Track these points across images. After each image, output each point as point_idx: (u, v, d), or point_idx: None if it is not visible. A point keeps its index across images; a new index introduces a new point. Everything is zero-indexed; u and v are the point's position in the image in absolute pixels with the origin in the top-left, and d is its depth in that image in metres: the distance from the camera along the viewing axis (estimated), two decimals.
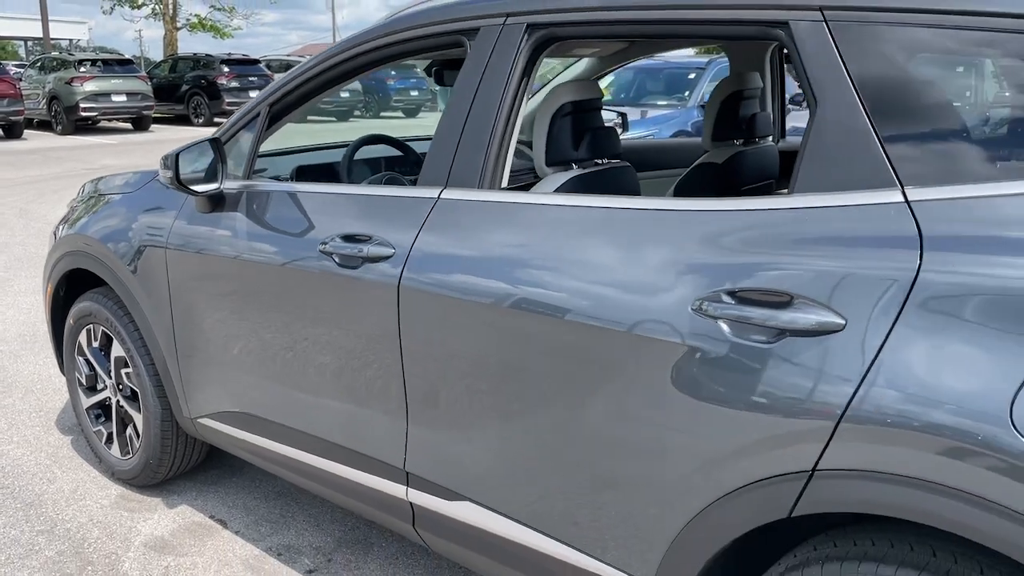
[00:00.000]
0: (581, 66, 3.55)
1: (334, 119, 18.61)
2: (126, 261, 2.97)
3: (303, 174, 3.09)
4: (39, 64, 21.45)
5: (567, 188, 2.25)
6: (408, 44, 2.34)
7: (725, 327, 1.60)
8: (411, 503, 2.26)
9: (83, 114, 19.24)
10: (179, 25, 32.97)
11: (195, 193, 2.59)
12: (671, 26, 1.88)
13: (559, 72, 3.50)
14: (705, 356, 1.61)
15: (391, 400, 2.22)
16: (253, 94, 18.62)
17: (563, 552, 1.93)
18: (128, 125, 21.01)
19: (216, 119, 21.05)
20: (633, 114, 8.28)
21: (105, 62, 20.66)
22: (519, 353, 1.91)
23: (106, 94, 19.22)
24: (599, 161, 2.45)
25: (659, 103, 10.03)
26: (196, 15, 34.97)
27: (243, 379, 2.68)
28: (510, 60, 2.07)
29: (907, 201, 1.47)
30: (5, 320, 5.48)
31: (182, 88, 22.23)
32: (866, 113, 1.54)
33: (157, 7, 33.22)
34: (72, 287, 3.41)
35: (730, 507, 1.61)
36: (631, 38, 2.76)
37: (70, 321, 3.38)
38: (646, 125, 8.93)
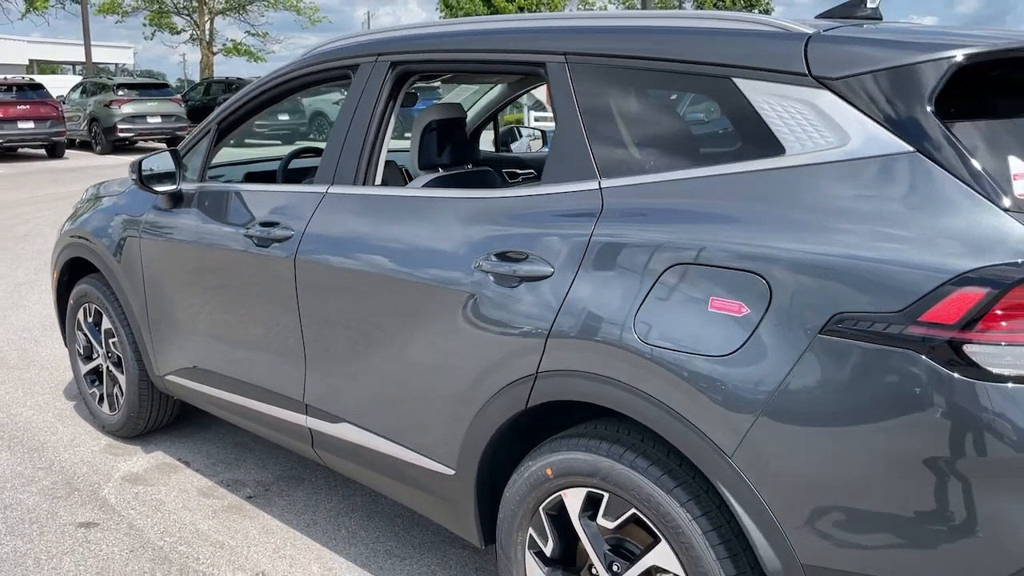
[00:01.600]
0: (495, 92, 4.22)
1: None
2: (112, 251, 3.70)
3: (250, 178, 3.80)
4: (81, 88, 22.64)
5: (431, 186, 2.92)
6: (314, 76, 3.04)
7: (491, 278, 2.25)
8: (310, 429, 2.93)
9: (120, 135, 20.32)
10: (215, 50, 34.38)
11: (155, 192, 3.31)
12: (478, 64, 2.57)
13: (486, 91, 4.18)
14: (479, 299, 2.27)
15: (294, 349, 2.90)
16: (282, 117, 19.47)
17: (403, 453, 2.59)
18: (163, 145, 22.07)
19: (246, 140, 21.99)
20: None
21: (142, 86, 21.79)
22: (370, 305, 2.58)
23: (142, 116, 20.28)
24: (468, 166, 3.12)
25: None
26: (232, 40, 36.44)
27: (195, 340, 3.38)
28: (378, 88, 2.76)
29: (600, 188, 2.13)
30: (31, 313, 6.26)
31: (215, 110, 23.27)
32: (584, 130, 2.20)
33: (195, 33, 34.73)
34: (73, 273, 4.14)
35: (496, 403, 2.26)
36: (458, 72, 3.35)
37: (71, 301, 4.12)
38: None
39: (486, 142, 4.70)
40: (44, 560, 3.00)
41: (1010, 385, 1.56)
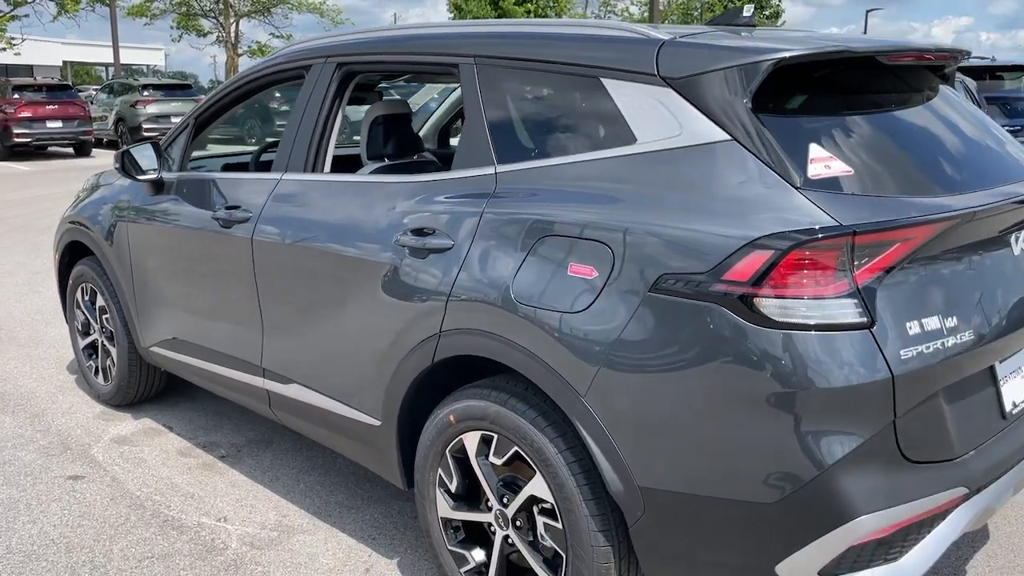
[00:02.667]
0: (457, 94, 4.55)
1: None
2: (104, 234, 4.08)
3: (227, 168, 4.18)
4: (108, 88, 23.29)
5: (375, 174, 3.27)
6: (275, 76, 3.41)
7: (407, 251, 2.60)
8: (267, 390, 3.30)
9: (145, 134, 20.87)
10: (240, 52, 35.07)
11: (137, 180, 3.69)
12: (409, 64, 2.92)
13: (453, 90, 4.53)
14: (397, 270, 2.62)
15: (253, 319, 3.26)
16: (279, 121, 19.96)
17: (341, 408, 2.94)
18: None
19: (267, 138, 22.55)
20: None
21: (167, 86, 22.39)
22: (312, 278, 2.94)
23: (166, 115, 20.84)
24: (414, 157, 3.46)
25: None
26: (257, 42, 37.13)
27: (173, 314, 3.76)
28: (326, 86, 3.11)
29: (495, 172, 2.47)
30: (44, 298, 6.69)
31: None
32: (486, 122, 2.54)
33: (221, 35, 35.44)
34: (72, 255, 4.53)
35: (410, 360, 2.60)
36: (393, 72, 3.68)
37: (70, 281, 4.52)
38: None
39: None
40: (34, 505, 3.39)
41: (790, 332, 1.88)
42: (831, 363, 1.87)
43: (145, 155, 3.69)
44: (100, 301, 4.30)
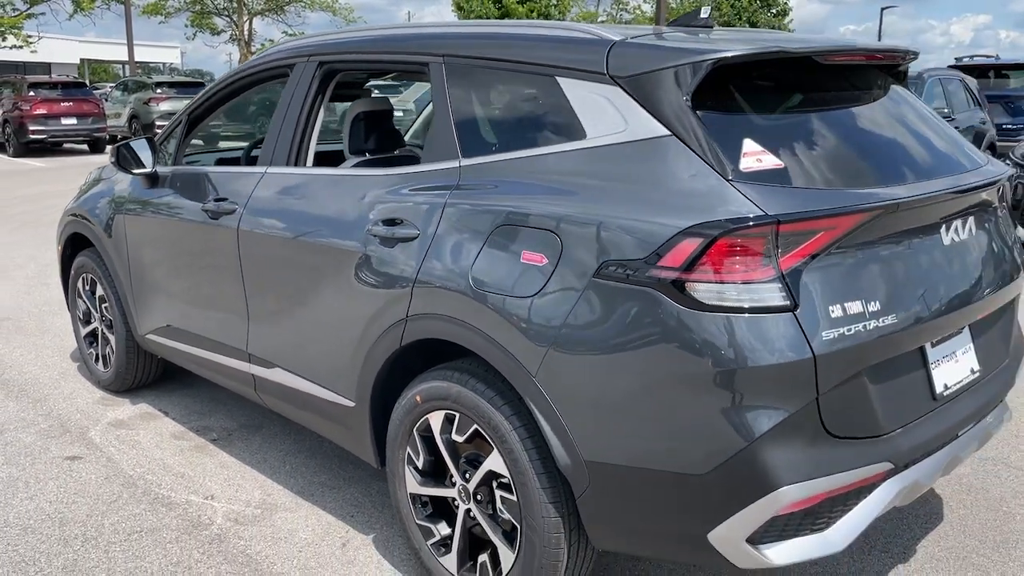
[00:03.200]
0: None
1: None
2: (103, 227, 4.25)
3: (220, 162, 4.33)
4: (123, 86, 23.57)
5: (358, 167, 3.41)
6: (262, 74, 3.56)
7: (378, 240, 2.74)
8: (252, 375, 3.45)
9: (157, 131, 21.16)
10: (253, 49, 35.33)
11: (132, 173, 3.85)
12: (384, 63, 3.07)
13: None
14: (368, 258, 2.76)
15: (239, 306, 3.41)
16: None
17: (318, 390, 3.09)
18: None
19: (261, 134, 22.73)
20: None
21: (180, 84, 22.64)
22: (293, 266, 3.09)
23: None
24: (395, 152, 3.61)
25: None
26: (270, 40, 37.40)
27: (167, 302, 3.92)
28: (308, 83, 3.26)
29: (459, 166, 2.61)
30: (53, 290, 6.87)
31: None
32: (452, 118, 2.68)
33: (234, 33, 35.75)
34: (74, 246, 4.70)
35: (380, 344, 2.74)
36: (371, 70, 3.81)
37: (72, 272, 4.69)
38: None
39: None
40: (32, 483, 3.56)
41: (718, 314, 2.01)
42: (756, 343, 2.00)
43: (140, 150, 3.85)
44: (100, 291, 4.47)
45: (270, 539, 3.13)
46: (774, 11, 36.10)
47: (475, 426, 2.51)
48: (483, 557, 2.59)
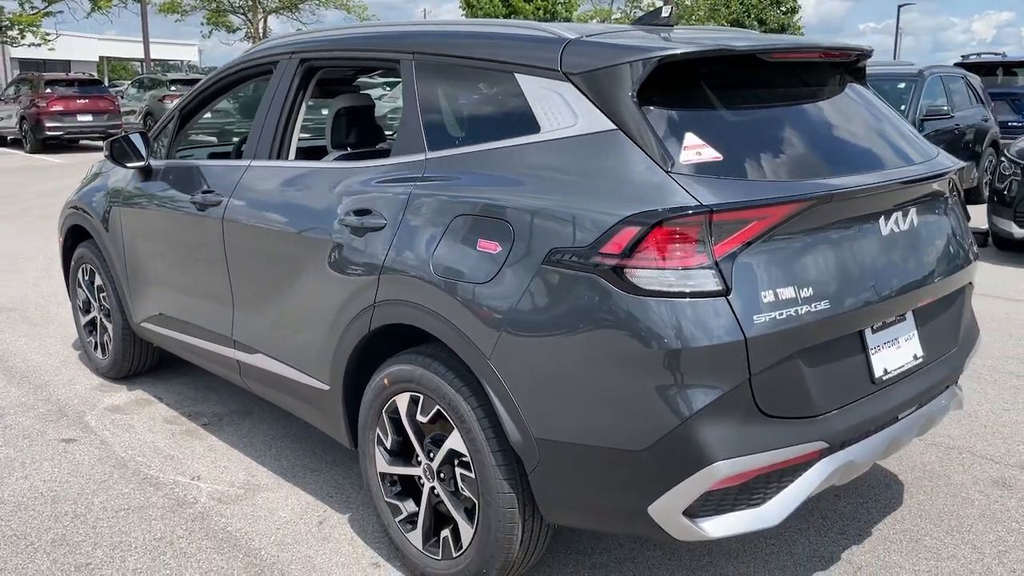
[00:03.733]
0: None
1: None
2: (100, 218, 4.40)
3: (212, 157, 4.47)
4: (139, 83, 23.84)
5: (339, 161, 3.54)
6: (248, 71, 3.70)
7: (348, 230, 2.87)
8: (237, 360, 3.59)
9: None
10: None
11: (125, 167, 4.00)
12: (360, 60, 3.19)
13: None
14: (341, 247, 2.89)
15: (224, 295, 3.55)
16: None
17: (296, 375, 3.22)
18: (213, 139, 23.17)
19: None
20: None
21: (194, 81, 22.85)
22: (273, 255, 3.22)
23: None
24: (377, 147, 3.73)
25: None
26: None
27: (159, 292, 4.06)
28: (290, 80, 3.39)
29: (425, 158, 2.73)
30: (60, 282, 6.96)
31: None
32: (420, 113, 2.80)
33: (249, 31, 36.04)
34: (75, 238, 4.86)
35: (351, 329, 2.87)
36: (348, 67, 3.89)
37: (72, 262, 4.85)
38: None
39: None
40: (28, 463, 3.71)
41: (656, 299, 2.12)
42: (690, 326, 2.11)
43: (134, 144, 4.00)
44: (98, 281, 4.62)
45: (251, 517, 3.26)
46: (783, 9, 35.98)
47: (437, 407, 2.63)
48: (445, 532, 2.71)
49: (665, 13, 2.90)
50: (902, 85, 9.47)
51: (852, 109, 2.73)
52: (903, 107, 9.17)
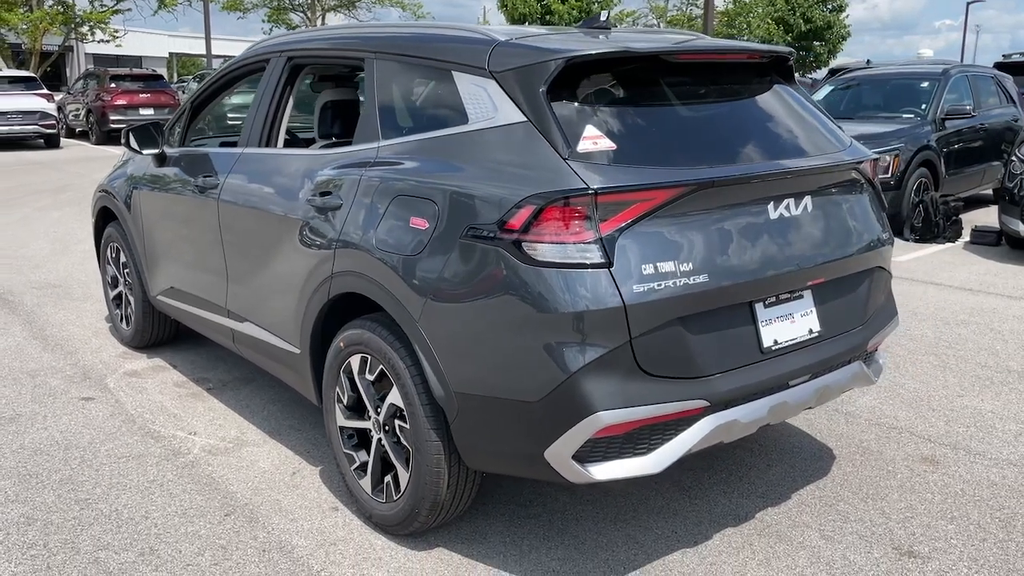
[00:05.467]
0: None
1: None
2: (123, 201, 4.86)
3: (222, 145, 4.89)
4: (199, 78, 24.72)
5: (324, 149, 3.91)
6: (247, 68, 4.10)
7: (313, 209, 3.23)
8: (230, 328, 3.99)
9: (229, 122, 22.15)
10: None
11: (141, 154, 4.43)
12: (335, 59, 3.56)
13: None
14: (308, 224, 3.25)
15: (220, 268, 3.95)
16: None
17: (275, 340, 3.59)
18: None
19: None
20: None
21: None
22: (256, 232, 3.60)
23: (246, 105, 22.03)
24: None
25: (882, 116, 9.49)
26: None
27: (170, 267, 4.49)
28: (278, 76, 3.77)
29: (378, 146, 3.08)
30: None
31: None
32: (376, 107, 3.15)
33: (306, 27, 36.97)
34: (104, 219, 5.33)
35: (315, 298, 3.23)
36: (327, 65, 4.17)
37: (102, 241, 5.32)
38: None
39: None
40: (49, 417, 4.17)
41: (548, 269, 2.43)
42: (577, 294, 2.41)
43: (149, 134, 4.43)
44: (123, 258, 5.08)
45: (234, 467, 3.66)
46: (830, 6, 35.37)
47: (381, 367, 2.97)
48: (388, 478, 3.06)
49: (603, 17, 3.20)
50: (925, 84, 9.52)
51: (763, 105, 2.99)
52: (924, 106, 9.23)
